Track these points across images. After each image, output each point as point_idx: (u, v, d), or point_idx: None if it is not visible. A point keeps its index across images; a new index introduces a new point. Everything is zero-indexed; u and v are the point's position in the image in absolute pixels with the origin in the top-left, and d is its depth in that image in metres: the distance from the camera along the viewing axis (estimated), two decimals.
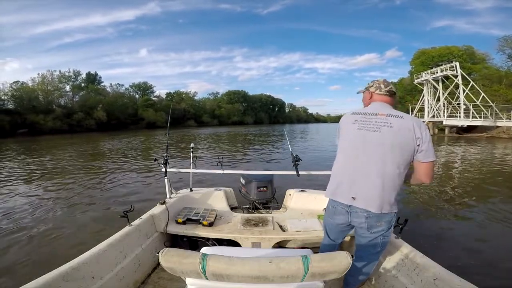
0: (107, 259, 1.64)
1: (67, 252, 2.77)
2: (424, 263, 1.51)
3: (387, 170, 1.33)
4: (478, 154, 11.97)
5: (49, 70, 45.41)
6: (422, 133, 1.30)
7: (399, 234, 1.73)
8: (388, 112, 1.38)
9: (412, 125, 1.31)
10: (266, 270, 0.89)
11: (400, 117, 1.35)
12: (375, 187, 1.35)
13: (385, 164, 1.34)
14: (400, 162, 1.33)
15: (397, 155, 1.32)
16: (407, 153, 1.33)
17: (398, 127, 1.32)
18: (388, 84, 1.49)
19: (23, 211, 4.44)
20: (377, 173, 1.35)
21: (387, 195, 1.35)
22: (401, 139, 1.31)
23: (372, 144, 1.37)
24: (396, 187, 1.37)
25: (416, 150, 1.32)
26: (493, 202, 4.87)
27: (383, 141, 1.34)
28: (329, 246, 1.68)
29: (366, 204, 1.37)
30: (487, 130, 22.98)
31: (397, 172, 1.34)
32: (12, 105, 37.31)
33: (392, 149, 1.32)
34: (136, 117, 52.07)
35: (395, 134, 1.32)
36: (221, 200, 2.77)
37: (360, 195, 1.39)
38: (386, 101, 1.47)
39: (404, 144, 1.31)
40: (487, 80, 26.75)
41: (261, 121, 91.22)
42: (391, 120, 1.35)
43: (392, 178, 1.34)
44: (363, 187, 1.38)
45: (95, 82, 53.72)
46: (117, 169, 8.46)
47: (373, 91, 1.50)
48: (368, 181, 1.37)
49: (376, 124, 1.37)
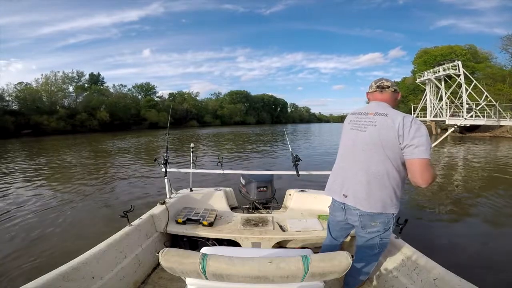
0: (107, 259, 1.65)
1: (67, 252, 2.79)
2: (424, 263, 1.50)
3: (373, 169, 1.33)
4: (481, 153, 11.87)
5: (52, 71, 45.98)
6: (405, 129, 1.23)
7: (399, 234, 1.72)
8: (376, 110, 1.38)
9: (397, 122, 1.26)
10: (266, 270, 0.90)
11: (385, 115, 1.32)
12: (361, 185, 1.36)
13: (370, 163, 1.33)
14: (386, 161, 1.30)
15: (381, 153, 1.30)
16: (392, 151, 1.28)
17: (380, 125, 1.31)
18: (379, 80, 1.48)
19: (23, 211, 4.47)
20: (363, 172, 1.36)
21: (376, 194, 1.33)
22: (384, 137, 1.29)
23: (359, 143, 1.39)
24: (387, 187, 1.32)
25: (400, 147, 1.26)
26: (494, 202, 4.83)
27: (368, 141, 1.35)
28: (331, 245, 1.70)
29: (355, 202, 1.39)
30: (491, 130, 22.82)
31: (385, 172, 1.31)
32: (16, 106, 37.72)
33: (376, 148, 1.32)
34: (138, 118, 52.33)
35: (378, 132, 1.31)
36: (221, 200, 2.77)
37: (350, 193, 1.42)
38: (379, 99, 1.45)
39: (386, 142, 1.28)
40: (490, 79, 26.53)
41: (263, 121, 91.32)
42: (376, 118, 1.35)
43: (380, 177, 1.32)
44: (352, 185, 1.41)
45: (98, 83, 54.08)
46: (117, 169, 8.50)
47: (367, 91, 1.53)
48: (355, 180, 1.39)
49: (364, 123, 1.39)
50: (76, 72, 50.17)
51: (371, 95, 1.50)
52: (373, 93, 1.48)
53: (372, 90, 1.48)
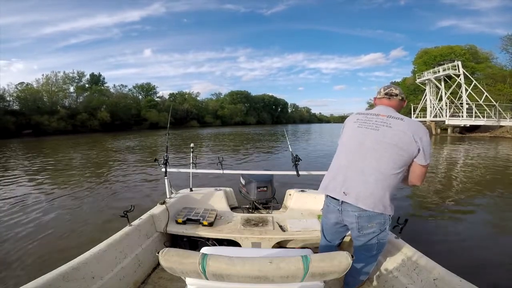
0: (107, 259, 1.65)
1: (67, 252, 2.79)
2: (424, 263, 1.50)
3: (382, 169, 1.33)
4: (481, 153, 11.86)
5: (53, 71, 46.00)
6: (422, 136, 1.31)
7: (399, 234, 1.72)
8: (389, 114, 1.40)
9: (412, 128, 1.32)
10: (266, 270, 0.89)
11: (401, 119, 1.36)
12: (368, 183, 1.34)
13: (380, 162, 1.33)
14: (396, 162, 1.32)
15: (393, 155, 1.32)
16: (404, 155, 1.32)
17: (397, 128, 1.33)
18: (388, 87, 1.50)
19: (23, 211, 4.47)
20: (370, 170, 1.35)
21: (380, 193, 1.33)
22: (399, 140, 1.31)
23: (369, 141, 1.37)
24: (391, 188, 1.35)
25: (415, 153, 1.32)
26: (495, 203, 4.83)
27: (380, 140, 1.35)
28: (326, 247, 1.68)
29: (357, 201, 1.35)
30: (491, 130, 22.80)
31: (392, 172, 1.33)
32: (17, 106, 37.78)
33: (389, 148, 1.32)
34: (139, 118, 52.37)
35: (393, 134, 1.33)
36: (221, 200, 2.77)
37: (352, 191, 1.37)
38: (387, 104, 1.49)
39: (401, 145, 1.31)
40: (490, 79, 26.50)
41: (263, 121, 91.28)
42: (391, 121, 1.37)
43: (387, 177, 1.33)
44: (356, 183, 1.37)
45: (99, 83, 54.08)
46: (118, 169, 8.51)
47: (375, 96, 1.56)
48: (361, 177, 1.36)
49: (376, 123, 1.39)
50: (77, 72, 50.22)
51: (378, 101, 1.53)
52: (381, 99, 1.52)
53: (381, 96, 1.51)
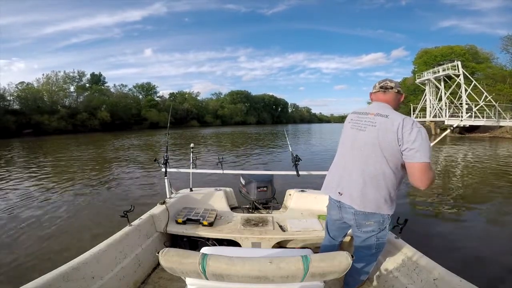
0: (107, 259, 1.65)
1: (67, 252, 2.80)
2: (424, 263, 1.50)
3: (369, 169, 1.33)
4: (481, 154, 11.86)
5: (53, 70, 45.97)
6: (405, 132, 1.23)
7: (399, 234, 1.72)
8: (378, 111, 1.37)
9: (397, 124, 1.26)
10: (266, 270, 0.89)
11: (385, 116, 1.32)
12: (357, 184, 1.36)
13: (367, 163, 1.34)
14: (383, 162, 1.30)
15: (378, 154, 1.30)
16: (390, 153, 1.28)
17: (380, 126, 1.31)
18: (383, 80, 1.47)
19: (22, 211, 4.48)
20: (358, 172, 1.36)
21: (370, 194, 1.33)
22: (382, 138, 1.29)
23: (357, 143, 1.39)
24: (383, 188, 1.32)
25: (400, 150, 1.26)
26: (494, 203, 4.83)
27: (366, 140, 1.35)
28: (329, 245, 1.70)
29: (351, 201, 1.39)
30: (490, 130, 22.78)
31: (381, 172, 1.31)
32: (17, 105, 37.71)
33: (374, 148, 1.32)
34: (139, 117, 52.28)
35: (377, 133, 1.31)
36: (221, 200, 2.77)
37: (345, 192, 1.42)
38: (381, 99, 1.45)
39: (384, 143, 1.28)
40: (491, 79, 26.47)
41: (264, 121, 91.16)
42: (376, 119, 1.34)
43: (375, 177, 1.32)
44: (347, 184, 1.41)
45: (99, 83, 54.05)
46: (118, 168, 8.52)
47: (371, 91, 1.53)
48: (351, 179, 1.40)
49: (364, 123, 1.39)
50: (77, 72, 50.21)
51: (374, 96, 1.49)
52: (376, 94, 1.47)
53: (376, 90, 1.47)
